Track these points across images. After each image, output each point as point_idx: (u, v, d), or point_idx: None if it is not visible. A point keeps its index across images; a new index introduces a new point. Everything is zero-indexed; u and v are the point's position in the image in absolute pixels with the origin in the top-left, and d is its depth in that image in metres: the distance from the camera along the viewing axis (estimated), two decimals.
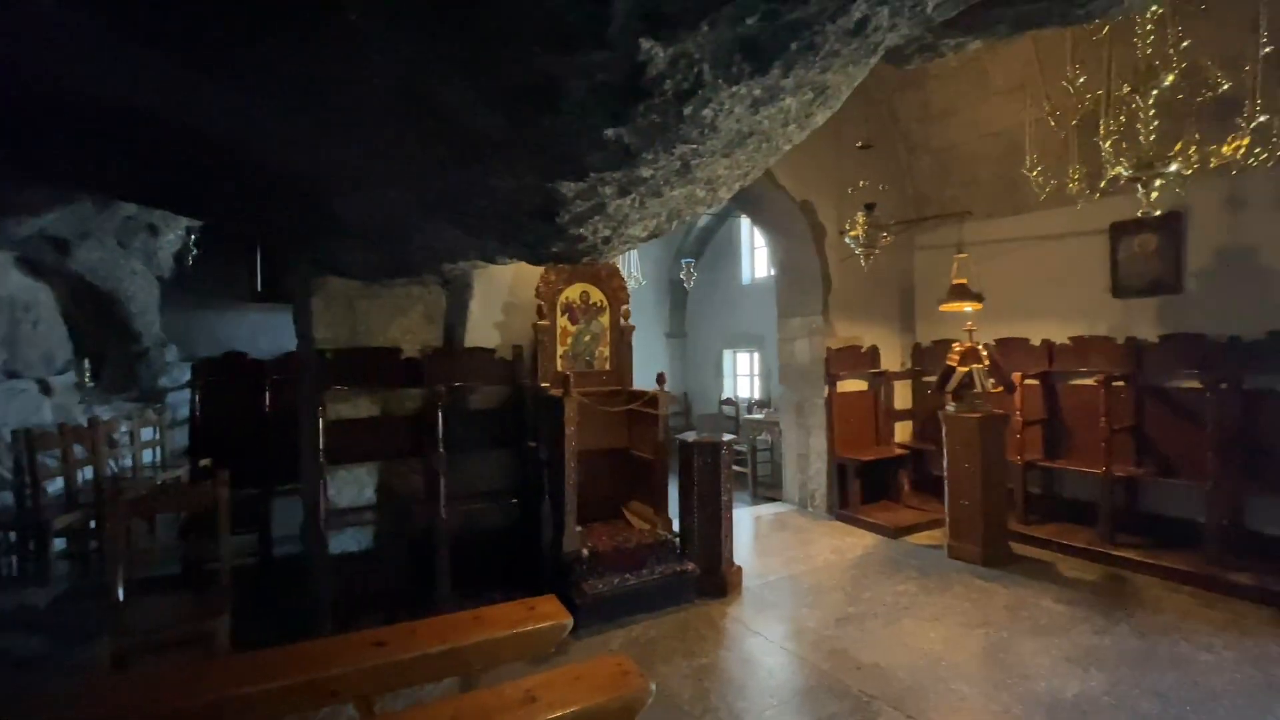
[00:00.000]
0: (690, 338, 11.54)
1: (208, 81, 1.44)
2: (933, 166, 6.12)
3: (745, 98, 1.12)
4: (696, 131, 1.19)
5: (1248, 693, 2.93)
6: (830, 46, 0.99)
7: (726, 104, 1.12)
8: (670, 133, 1.18)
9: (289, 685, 1.96)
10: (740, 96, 1.11)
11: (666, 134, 1.19)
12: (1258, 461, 4.16)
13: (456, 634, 2.42)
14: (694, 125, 1.17)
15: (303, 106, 1.42)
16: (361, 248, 2.95)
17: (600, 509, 4.44)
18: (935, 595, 4.14)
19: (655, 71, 0.98)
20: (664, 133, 1.18)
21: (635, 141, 1.21)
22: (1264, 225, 4.22)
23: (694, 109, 1.11)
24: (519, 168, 1.35)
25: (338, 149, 1.62)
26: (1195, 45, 3.07)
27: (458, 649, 2.38)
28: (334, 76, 1.20)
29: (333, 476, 3.79)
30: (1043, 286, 5.40)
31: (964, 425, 4.70)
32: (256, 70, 1.32)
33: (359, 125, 1.41)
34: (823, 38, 0.96)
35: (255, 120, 1.67)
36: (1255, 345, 4.18)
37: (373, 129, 1.41)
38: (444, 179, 1.55)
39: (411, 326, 4.03)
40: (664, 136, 1.20)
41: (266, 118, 1.62)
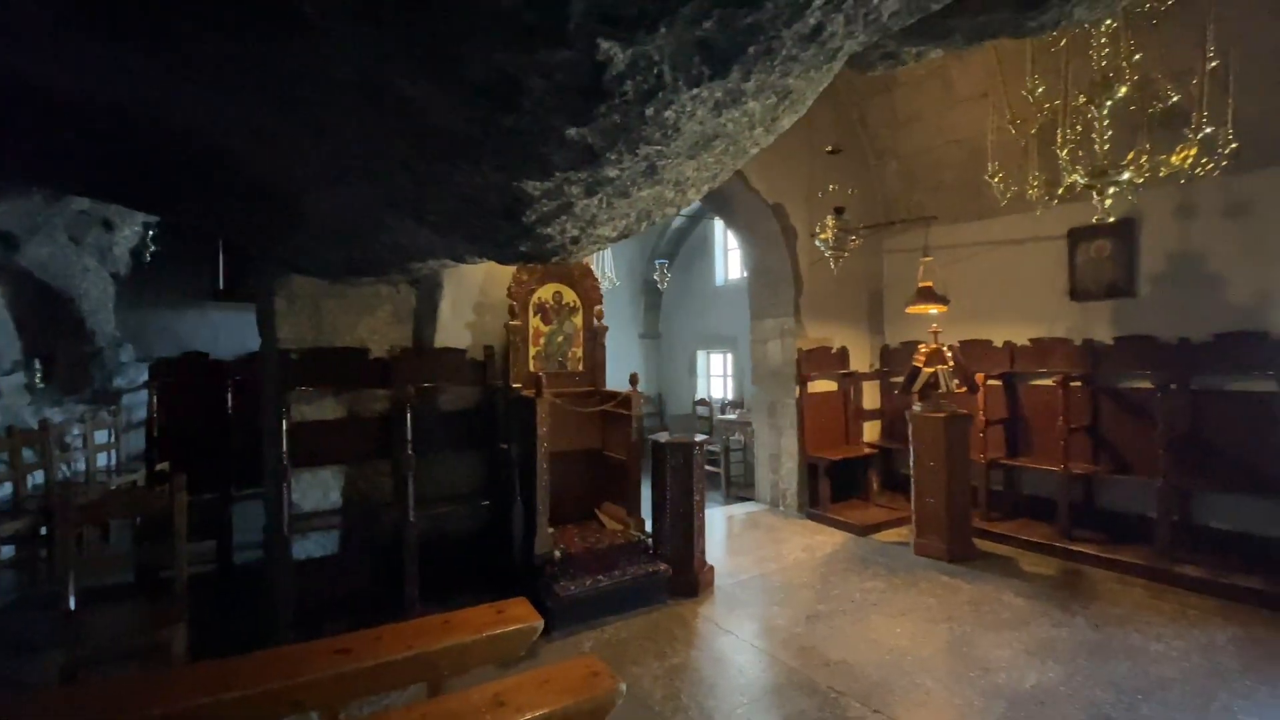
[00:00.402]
0: (664, 338, 11.58)
1: (167, 76, 1.40)
2: (900, 171, 6.25)
3: (707, 100, 1.13)
4: (660, 133, 1.20)
5: (1194, 680, 3.05)
6: (788, 51, 1.00)
7: (688, 106, 1.13)
8: (633, 133, 1.19)
9: (248, 695, 1.90)
10: (702, 99, 1.11)
11: (630, 134, 1.19)
12: (1205, 459, 4.34)
13: (424, 639, 2.38)
14: (657, 126, 1.17)
15: (265, 101, 1.38)
16: (327, 246, 2.89)
17: (573, 510, 4.43)
18: (902, 592, 4.23)
19: (615, 72, 0.98)
20: (627, 133, 1.19)
21: (598, 142, 1.21)
22: (1211, 232, 4.41)
23: (656, 110, 1.11)
24: (484, 166, 1.34)
25: (302, 145, 1.58)
26: (1146, 59, 3.19)
27: (425, 654, 2.34)
28: (296, 72, 1.17)
29: (297, 480, 3.70)
30: (1005, 289, 5.56)
31: (929, 425, 4.81)
32: (217, 65, 1.28)
33: (322, 121, 1.38)
34: (779, 42, 0.97)
35: (216, 114, 1.63)
36: (1203, 347, 4.37)
37: (337, 125, 1.38)
38: (409, 176, 1.52)
39: (379, 326, 3.96)
40: (627, 137, 1.20)
41: (228, 112, 1.57)
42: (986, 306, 5.66)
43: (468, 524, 4.13)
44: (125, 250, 7.02)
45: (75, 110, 1.82)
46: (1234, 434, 4.25)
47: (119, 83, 1.51)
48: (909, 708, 2.90)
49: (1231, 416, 4.27)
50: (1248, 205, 4.24)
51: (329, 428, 3.81)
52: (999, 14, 1.31)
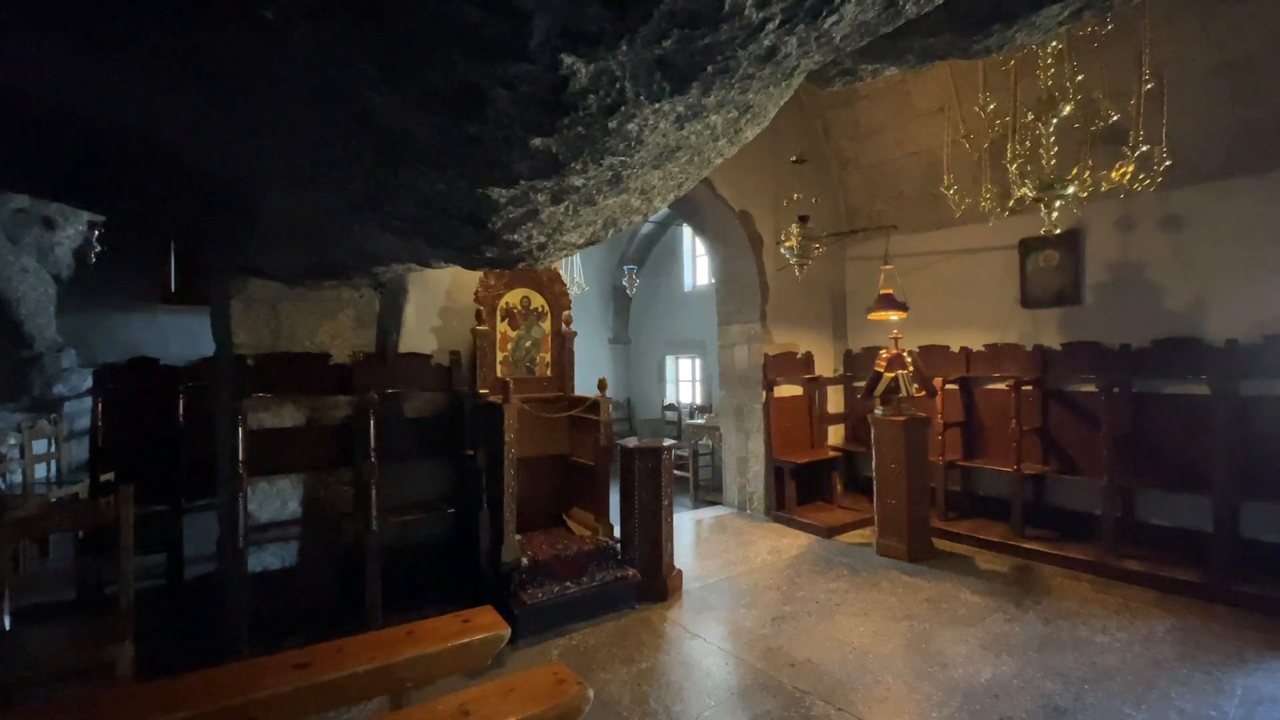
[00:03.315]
0: (634, 344, 11.61)
1: (111, 71, 1.35)
2: (862, 182, 6.42)
3: (669, 114, 1.15)
4: (623, 144, 1.22)
5: (1136, 670, 3.21)
6: (745, 70, 1.03)
7: (651, 119, 1.15)
8: (597, 144, 1.20)
9: (199, 714, 1.84)
10: (664, 113, 1.14)
11: (594, 146, 1.21)
12: (1145, 458, 4.58)
13: (387, 650, 2.34)
14: (620, 138, 1.19)
15: (218, 101, 1.35)
16: (285, 248, 2.82)
17: (541, 517, 4.40)
18: (865, 591, 4.33)
19: (578, 86, 1.00)
20: (591, 144, 1.20)
21: (563, 152, 1.22)
22: (1149, 244, 4.66)
23: (619, 123, 1.13)
24: (448, 173, 1.33)
25: (259, 147, 1.55)
26: (1088, 79, 3.37)
27: (388, 666, 2.30)
28: (251, 72, 1.15)
29: (253, 490, 3.59)
30: (961, 297, 5.76)
31: (890, 428, 4.94)
32: (167, 62, 1.25)
33: (279, 122, 1.36)
34: (736, 62, 1.00)
35: (166, 112, 1.58)
36: (1143, 352, 4.60)
37: (294, 127, 1.36)
38: (371, 181, 1.50)
39: (341, 331, 3.87)
40: (591, 148, 1.22)
41: (179, 110, 1.53)
42: (944, 313, 5.86)
43: (433, 532, 4.07)
44: (68, 250, 6.70)
45: (5, 101, 1.74)
46: (1171, 435, 4.49)
47: (54, 77, 1.45)
48: (870, 704, 2.97)
49: (1169, 418, 4.51)
50: (1182, 219, 4.50)
51: (287, 435, 3.71)
52: (946, 37, 1.38)
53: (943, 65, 5.23)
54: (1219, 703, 2.89)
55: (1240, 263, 4.24)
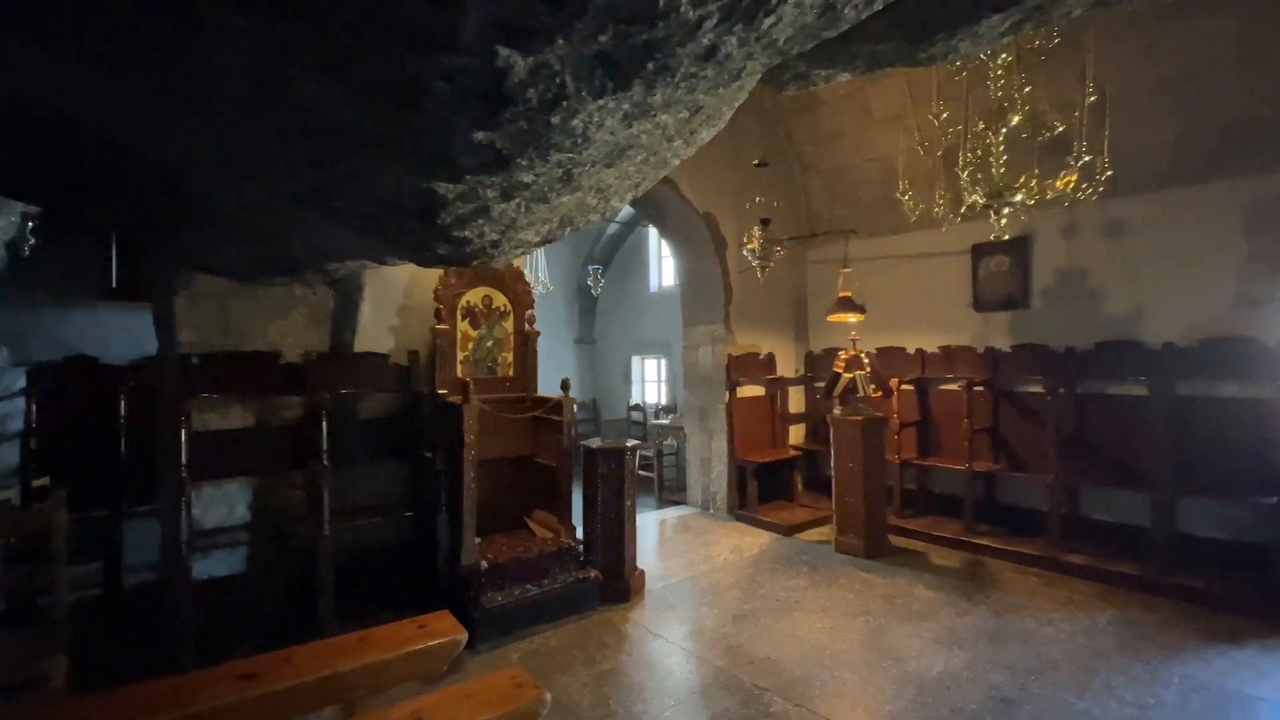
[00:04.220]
0: (599, 344, 11.58)
1: (40, 53, 1.28)
2: (823, 186, 6.54)
3: (615, 111, 1.15)
4: (570, 141, 1.21)
5: (1079, 660, 3.34)
6: (688, 69, 1.04)
7: (596, 116, 1.14)
8: (542, 140, 1.19)
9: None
10: (609, 110, 1.13)
11: (539, 141, 1.19)
12: (1089, 456, 4.78)
13: (338, 658, 2.28)
14: (566, 134, 1.18)
15: (154, 87, 1.28)
16: (233, 243, 2.72)
17: (502, 519, 4.34)
18: (823, 588, 4.40)
19: (517, 79, 0.99)
20: (536, 140, 1.19)
21: (508, 146, 1.20)
22: (1093, 251, 4.87)
23: (562, 119, 1.12)
24: (392, 166, 1.30)
25: (197, 135, 1.48)
26: (1036, 91, 3.49)
27: (339, 674, 2.24)
28: (184, 59, 1.10)
29: (198, 494, 3.45)
30: (916, 300, 5.92)
31: (848, 427, 5.04)
32: (98, 46, 1.18)
33: (217, 112, 1.30)
34: (677, 60, 1.01)
35: (102, 98, 1.50)
36: (1086, 354, 4.80)
37: (233, 117, 1.30)
38: (315, 173, 1.46)
39: (293, 329, 3.75)
40: (537, 144, 1.20)
41: (115, 96, 1.45)
42: (900, 316, 6.01)
43: (390, 537, 3.98)
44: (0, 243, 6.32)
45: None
46: (1112, 434, 4.70)
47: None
48: (827, 699, 3.02)
49: (1110, 418, 4.72)
50: (1123, 227, 4.71)
51: (235, 437, 3.58)
52: (893, 44, 1.41)
53: (899, 75, 5.37)
54: (1157, 691, 3.02)
55: (1177, 269, 4.46)
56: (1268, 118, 3.98)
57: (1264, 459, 3.94)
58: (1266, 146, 4.03)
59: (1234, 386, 4.18)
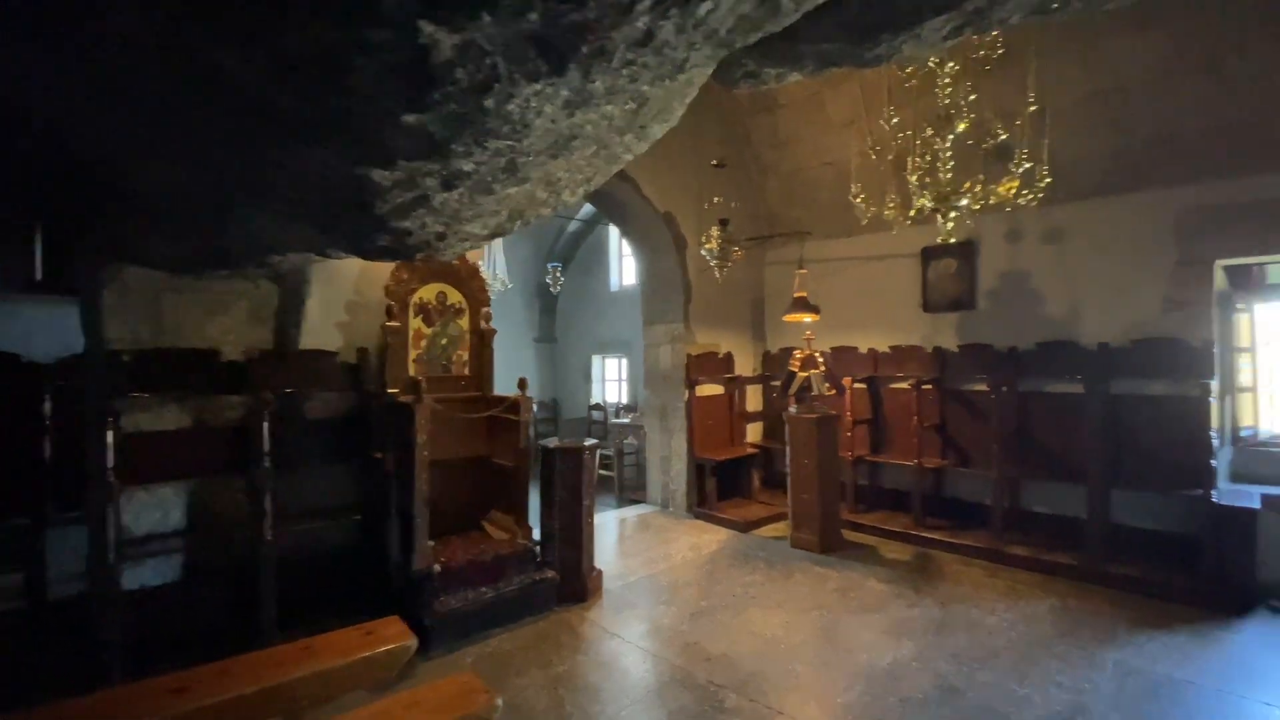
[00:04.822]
0: (560, 343, 11.49)
1: None
2: (781, 188, 6.64)
3: (553, 98, 1.12)
4: (507, 127, 1.18)
5: (1020, 648, 3.48)
6: (624, 55, 1.02)
7: (534, 102, 1.12)
8: (477, 125, 1.16)
9: None
10: (547, 96, 1.11)
11: (474, 126, 1.16)
12: (1030, 451, 4.98)
13: (279, 669, 2.18)
14: (502, 120, 1.15)
15: (60, 62, 1.19)
16: (162, 233, 2.57)
17: (457, 521, 4.25)
18: (779, 583, 4.46)
19: (443, 58, 0.95)
20: (471, 125, 1.15)
21: (440, 131, 1.16)
22: (1034, 255, 5.07)
23: (496, 102, 1.09)
24: (318, 150, 1.24)
25: (112, 116, 1.38)
26: (981, 100, 3.61)
27: (280, 686, 2.14)
28: (88, 28, 1.02)
29: (129, 499, 3.27)
30: (869, 301, 6.06)
31: (803, 425, 5.13)
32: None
33: (131, 89, 1.21)
34: (612, 44, 0.99)
35: (7, 72, 1.39)
36: (1027, 354, 5.01)
37: (149, 95, 1.22)
38: (240, 157, 1.38)
39: (234, 326, 3.58)
40: (472, 129, 1.17)
41: (20, 70, 1.35)
42: (853, 316, 6.15)
43: (338, 541, 3.85)
44: None
45: None
46: (1052, 430, 4.91)
47: None
48: (781, 693, 3.06)
49: (1050, 415, 4.93)
50: (1062, 233, 4.93)
51: (170, 439, 3.40)
52: (839, 44, 1.43)
53: (854, 80, 5.46)
54: (1093, 676, 3.16)
55: (1111, 274, 4.69)
56: (1193, 130, 4.22)
57: (1190, 454, 4.17)
58: (1192, 158, 4.27)
59: (1163, 385, 4.41)
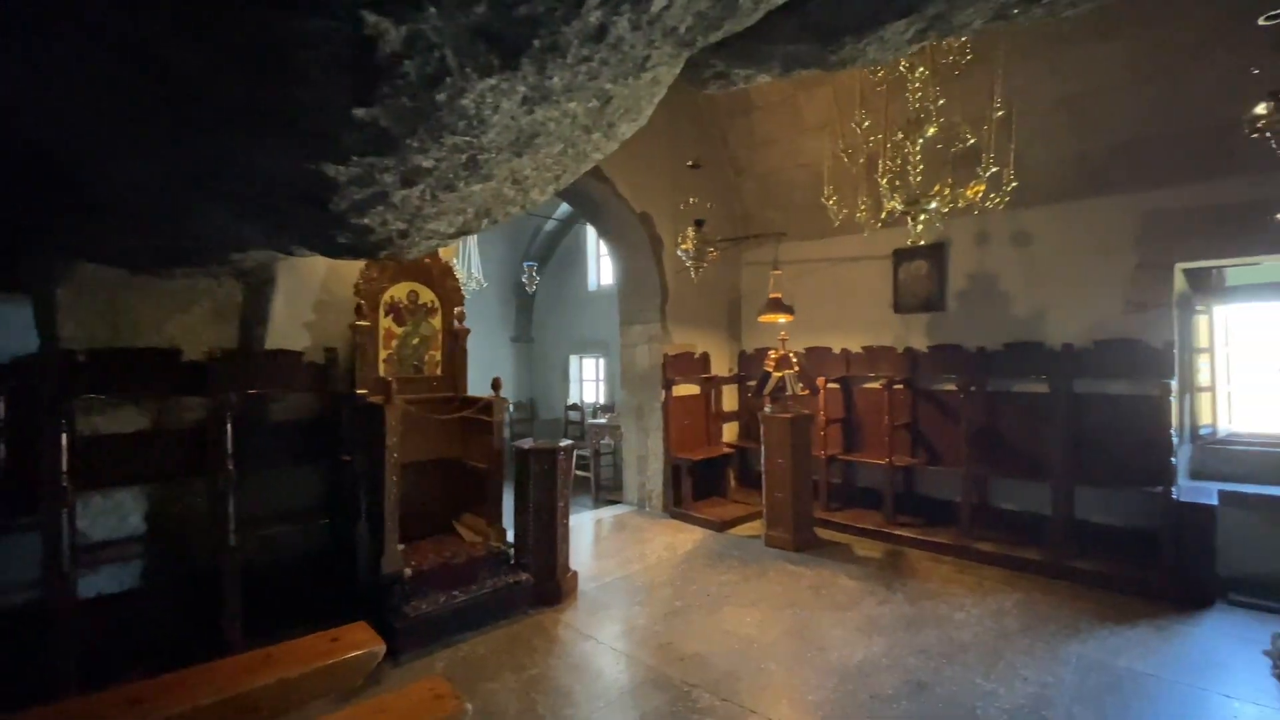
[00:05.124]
0: (537, 343, 11.41)
1: None
2: (757, 189, 6.68)
3: (510, 93, 1.11)
4: (463, 123, 1.15)
5: (987, 642, 3.54)
6: (579, 51, 1.01)
7: (489, 97, 1.10)
8: (431, 120, 1.13)
9: None
10: (503, 91, 1.09)
11: (428, 121, 1.13)
12: (998, 450, 5.08)
13: (240, 678, 2.12)
14: (457, 115, 1.13)
15: (4, 54, 1.14)
16: (123, 230, 2.48)
17: (429, 524, 4.20)
18: (753, 582, 4.49)
19: (390, 49, 0.93)
20: (424, 119, 1.13)
21: (393, 126, 1.14)
22: (1002, 257, 5.19)
23: (449, 97, 1.07)
24: (267, 143, 1.21)
25: (63, 108, 1.33)
26: (950, 104, 3.68)
27: (241, 695, 2.08)
28: (34, 14, 0.97)
29: (85, 504, 3.16)
30: (842, 301, 6.14)
31: (778, 425, 5.17)
32: None
33: (78, 81, 1.16)
34: (565, 39, 0.98)
35: None
36: (996, 354, 5.11)
37: (99, 86, 1.17)
38: (189, 152, 1.33)
39: (195, 325, 3.48)
40: (426, 124, 1.14)
41: None
42: (827, 317, 6.22)
43: (306, 546, 3.76)
44: None
45: None
46: (1019, 429, 5.02)
47: None
48: (754, 692, 3.07)
49: (1017, 414, 5.04)
50: (1029, 236, 5.04)
51: (128, 442, 3.29)
52: (805, 46, 1.43)
53: (828, 84, 5.50)
54: (1056, 669, 3.23)
55: (1075, 276, 4.81)
56: (1153, 137, 4.35)
57: (1151, 451, 4.30)
58: (1153, 164, 4.40)
59: (1124, 385, 4.54)
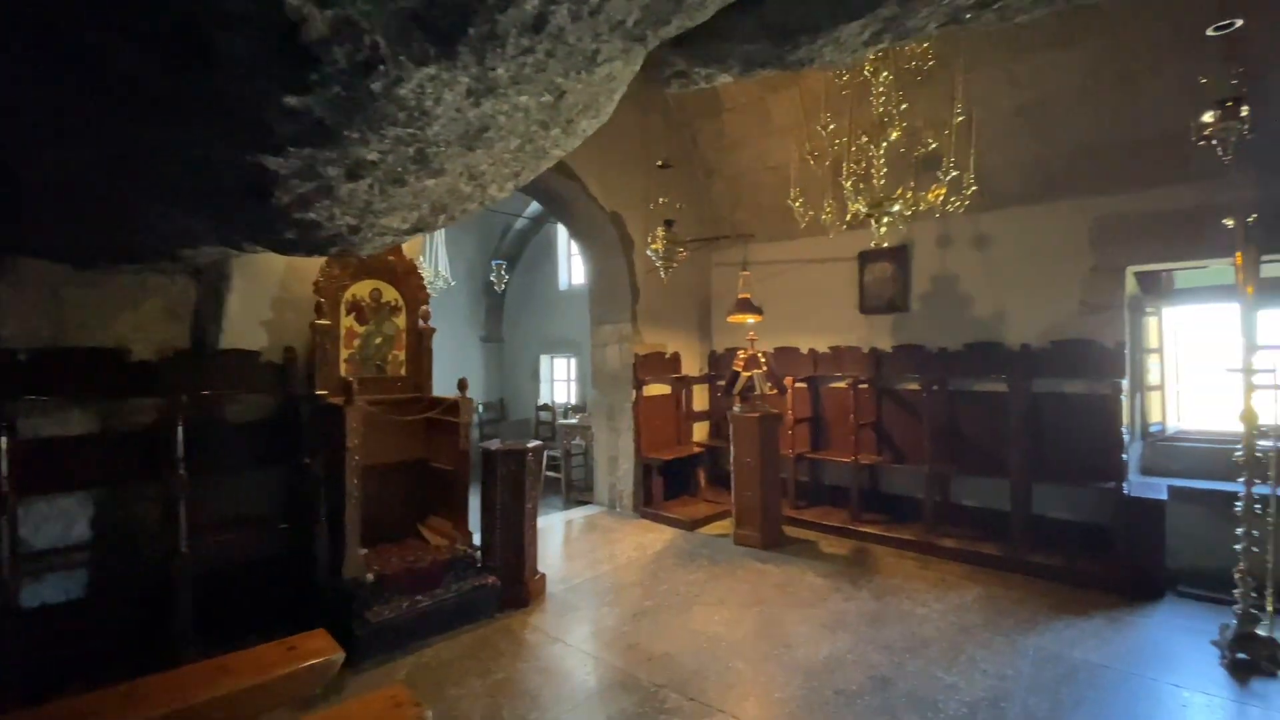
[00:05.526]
0: (508, 342, 11.30)
1: None
2: (726, 191, 6.72)
3: (452, 84, 1.09)
4: (404, 114, 1.13)
5: (949, 637, 3.62)
6: (520, 42, 1.00)
7: (429, 88, 1.08)
8: (369, 110, 1.10)
9: None
10: (444, 81, 1.07)
11: (365, 111, 1.10)
12: (959, 447, 5.21)
13: (191, 690, 2.05)
14: (396, 105, 1.10)
15: None
16: (64, 224, 2.37)
17: (393, 528, 4.11)
18: (722, 580, 4.51)
19: (316, 34, 0.90)
20: (361, 109, 1.10)
21: (329, 115, 1.10)
22: (963, 259, 5.31)
23: (384, 86, 1.04)
24: (199, 133, 1.16)
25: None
26: (913, 109, 3.75)
27: (192, 707, 2.01)
28: None
29: (27, 510, 3.02)
30: (809, 302, 6.22)
31: (746, 424, 5.21)
32: None
33: (4, 67, 1.10)
34: (502, 29, 0.96)
35: None
36: (957, 355, 5.23)
37: (20, 68, 1.11)
38: (120, 140, 1.27)
39: (145, 323, 3.35)
40: (364, 114, 1.11)
41: None
42: (795, 317, 6.29)
43: (264, 551, 3.65)
44: None
45: None
46: (979, 427, 5.15)
47: None
48: (721, 690, 3.09)
49: (977, 412, 5.17)
50: (988, 239, 5.18)
51: (73, 445, 3.15)
52: (761, 45, 1.44)
53: (794, 87, 5.56)
54: (1014, 661, 3.32)
55: (1033, 278, 4.95)
56: (1107, 144, 4.49)
57: (1104, 449, 4.45)
58: (1107, 170, 4.55)
59: (1079, 384, 4.69)
